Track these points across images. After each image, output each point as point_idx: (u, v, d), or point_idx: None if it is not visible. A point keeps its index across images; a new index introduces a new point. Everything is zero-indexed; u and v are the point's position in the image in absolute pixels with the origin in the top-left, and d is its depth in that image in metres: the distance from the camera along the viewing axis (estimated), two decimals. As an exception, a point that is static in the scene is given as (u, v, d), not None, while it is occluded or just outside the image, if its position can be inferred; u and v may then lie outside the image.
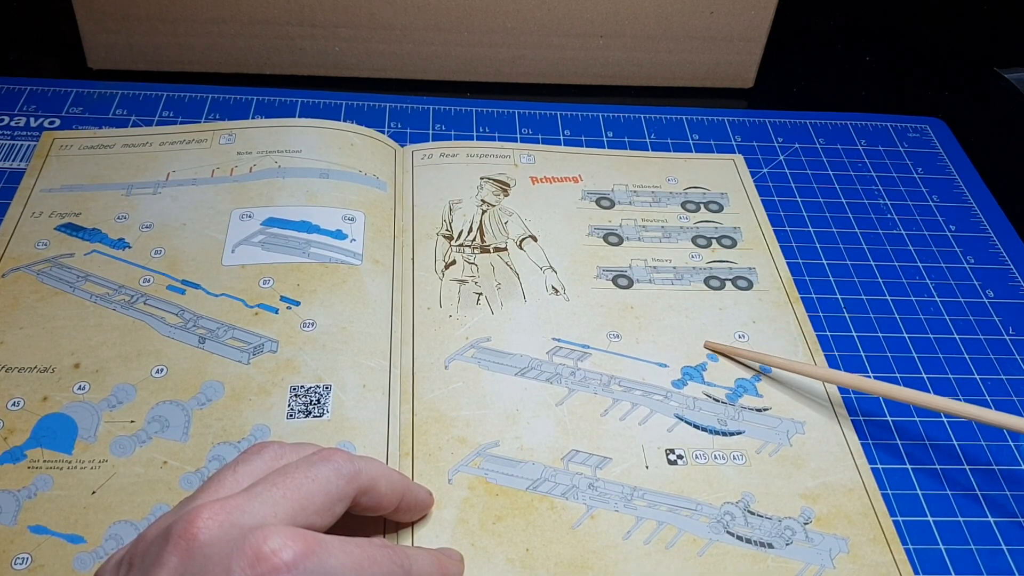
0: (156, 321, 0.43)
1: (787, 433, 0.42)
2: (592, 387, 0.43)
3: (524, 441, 0.40)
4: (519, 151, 0.55)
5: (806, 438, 0.42)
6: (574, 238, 0.50)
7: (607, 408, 0.42)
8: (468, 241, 0.49)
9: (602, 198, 0.53)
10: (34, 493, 0.37)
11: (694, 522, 0.38)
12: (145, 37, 0.59)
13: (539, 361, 0.44)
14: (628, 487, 0.39)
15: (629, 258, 0.49)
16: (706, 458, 0.41)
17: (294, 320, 0.43)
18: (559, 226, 0.51)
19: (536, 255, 0.49)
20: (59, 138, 0.52)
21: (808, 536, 0.38)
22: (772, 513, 0.39)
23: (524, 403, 0.42)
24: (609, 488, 0.39)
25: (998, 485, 0.42)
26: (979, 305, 0.50)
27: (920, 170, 0.59)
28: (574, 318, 0.46)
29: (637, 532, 0.38)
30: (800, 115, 0.62)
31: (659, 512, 0.39)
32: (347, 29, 0.59)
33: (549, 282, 0.48)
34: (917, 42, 0.72)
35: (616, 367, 0.44)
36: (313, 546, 0.28)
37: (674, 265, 0.49)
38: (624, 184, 0.54)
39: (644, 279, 0.48)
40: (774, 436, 0.42)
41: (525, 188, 0.53)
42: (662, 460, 0.40)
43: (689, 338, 0.46)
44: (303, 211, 0.48)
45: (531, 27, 0.60)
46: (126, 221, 0.48)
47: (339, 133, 0.53)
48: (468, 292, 0.47)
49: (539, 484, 0.39)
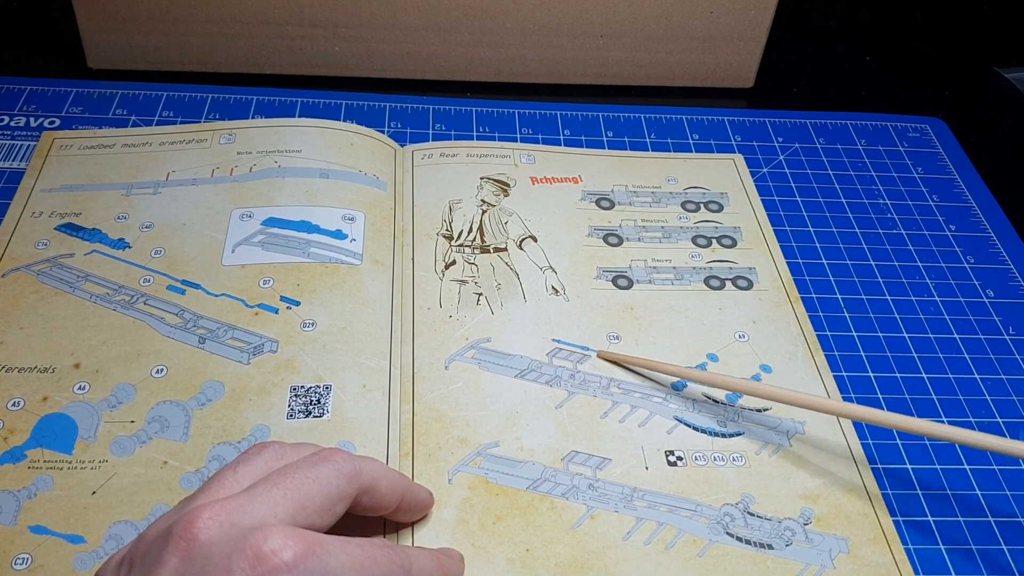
0: (156, 321, 0.43)
1: (787, 433, 0.42)
2: (592, 389, 0.43)
3: (524, 442, 0.40)
4: (519, 151, 0.55)
5: (806, 438, 0.42)
6: (574, 239, 0.50)
7: (607, 410, 0.42)
8: (468, 241, 0.49)
9: (602, 198, 0.53)
10: (34, 493, 0.37)
11: (694, 523, 0.38)
12: (145, 37, 0.59)
13: (539, 363, 0.44)
14: (628, 488, 0.39)
15: (629, 259, 0.49)
16: (706, 460, 0.41)
17: (294, 320, 0.43)
18: (559, 226, 0.51)
19: (536, 255, 0.49)
20: (59, 138, 0.52)
21: (808, 536, 0.38)
22: (772, 514, 0.39)
23: (524, 405, 0.42)
24: (609, 489, 0.39)
25: (998, 485, 0.42)
26: (979, 305, 0.50)
27: (920, 170, 0.59)
28: (574, 319, 0.46)
29: (637, 532, 0.38)
30: (800, 115, 0.62)
31: (659, 513, 0.39)
32: (347, 29, 0.59)
33: (549, 282, 0.48)
34: (917, 42, 0.72)
35: (615, 369, 0.44)
36: (313, 546, 0.28)
37: (674, 265, 0.49)
38: (624, 184, 0.54)
39: (644, 279, 0.48)
40: (774, 437, 0.42)
41: (525, 188, 0.53)
42: (662, 461, 0.40)
43: (689, 339, 0.46)
44: (303, 211, 0.48)
45: (531, 27, 0.60)
46: (126, 221, 0.48)
47: (339, 133, 0.53)
48: (468, 292, 0.47)
49: (539, 484, 0.39)
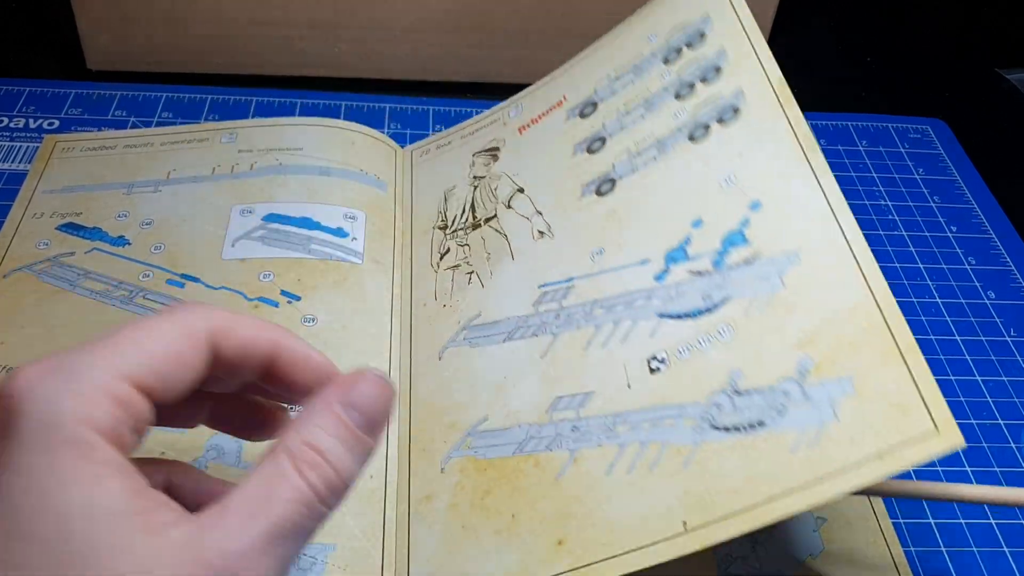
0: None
1: (779, 274, 0.35)
2: (576, 322, 0.39)
3: (511, 406, 0.39)
4: (507, 108, 0.51)
5: (801, 269, 0.35)
6: (558, 170, 0.46)
7: (590, 339, 0.39)
8: (461, 224, 0.48)
9: (586, 106, 0.47)
10: (32, 492, 0.36)
11: (678, 430, 0.34)
12: (144, 38, 0.59)
13: (525, 318, 0.41)
14: (610, 416, 0.36)
15: (612, 158, 0.44)
16: (689, 350, 0.36)
17: (295, 315, 0.43)
18: (544, 165, 0.47)
19: (524, 207, 0.46)
20: (61, 141, 0.52)
21: (805, 393, 0.32)
22: (763, 383, 0.33)
23: (510, 367, 0.40)
24: (591, 424, 0.36)
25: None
26: (980, 306, 0.50)
27: (921, 171, 0.59)
28: (558, 255, 0.42)
29: (620, 462, 0.34)
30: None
31: (641, 432, 0.34)
32: (347, 29, 0.59)
33: (536, 228, 0.45)
34: (918, 43, 0.72)
35: (599, 288, 0.40)
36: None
37: (657, 138, 0.43)
38: (606, 74, 0.47)
39: (628, 172, 0.43)
40: (763, 286, 0.35)
41: (514, 142, 0.49)
42: (644, 372, 0.36)
43: (671, 213, 0.40)
44: (304, 208, 0.48)
45: (531, 28, 0.59)
46: (126, 219, 0.48)
47: (340, 132, 0.53)
48: (461, 275, 0.45)
49: (525, 445, 0.37)
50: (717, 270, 0.37)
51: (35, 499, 0.22)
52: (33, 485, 0.23)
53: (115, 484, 0.23)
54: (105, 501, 0.23)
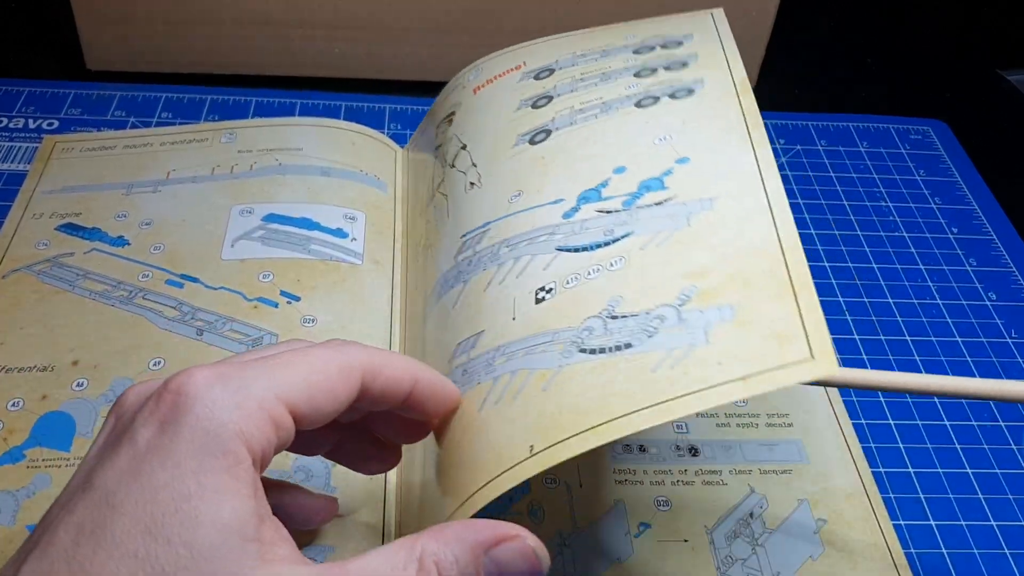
0: (154, 315, 0.43)
1: (687, 216, 0.33)
2: (482, 265, 0.37)
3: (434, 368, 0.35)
4: (468, 72, 0.48)
5: (712, 215, 0.33)
6: (499, 123, 0.43)
7: (490, 280, 0.36)
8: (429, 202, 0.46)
9: (543, 71, 0.44)
10: (33, 492, 0.36)
11: (547, 355, 0.31)
12: (144, 38, 0.59)
13: (445, 276, 0.39)
14: (492, 351, 0.33)
15: (553, 114, 0.41)
16: (577, 279, 0.33)
17: (294, 315, 0.43)
18: (488, 120, 0.44)
19: (464, 163, 0.43)
20: (60, 141, 0.52)
21: (681, 317, 0.30)
22: (639, 309, 0.31)
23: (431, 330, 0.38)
24: (475, 365, 0.33)
25: (1000, 489, 0.41)
26: (981, 308, 0.50)
27: (922, 172, 0.59)
28: (480, 201, 0.40)
29: (491, 396, 0.32)
30: (801, 117, 0.62)
31: (514, 361, 0.32)
32: (346, 30, 0.59)
33: (468, 180, 0.42)
34: (919, 44, 0.72)
35: (511, 228, 0.37)
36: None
37: (604, 101, 0.40)
38: (571, 52, 0.45)
39: (565, 125, 0.40)
40: (668, 224, 0.33)
41: (467, 104, 0.46)
42: (530, 304, 0.34)
43: (597, 160, 0.38)
44: (304, 208, 0.48)
45: (531, 28, 0.59)
46: (126, 219, 0.48)
47: (340, 132, 0.53)
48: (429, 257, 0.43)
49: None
50: (625, 209, 0.35)
51: (172, 494, 0.23)
52: (175, 482, 0.23)
53: (248, 505, 0.24)
54: (235, 521, 0.24)
